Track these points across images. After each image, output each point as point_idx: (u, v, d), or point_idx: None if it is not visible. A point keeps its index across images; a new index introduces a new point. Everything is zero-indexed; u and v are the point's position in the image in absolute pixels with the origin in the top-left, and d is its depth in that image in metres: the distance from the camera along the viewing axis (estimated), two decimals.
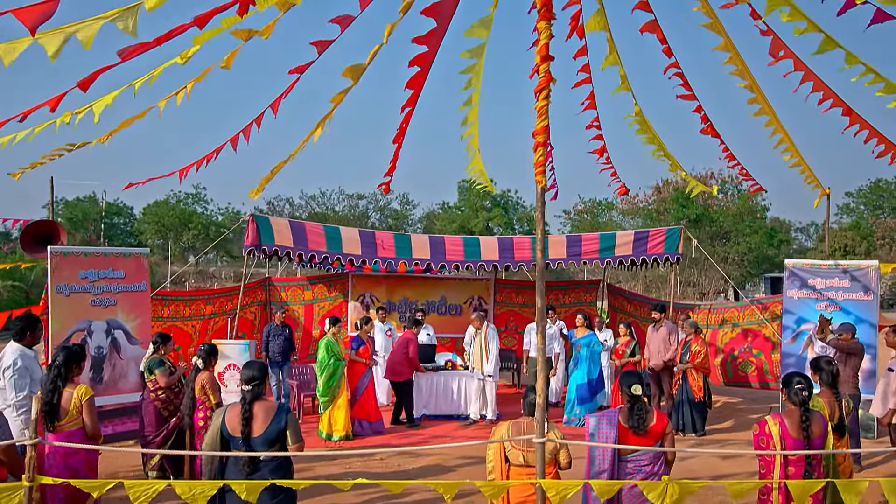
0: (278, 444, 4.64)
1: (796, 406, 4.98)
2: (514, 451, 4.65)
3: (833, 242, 39.05)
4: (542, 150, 4.09)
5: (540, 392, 4.25)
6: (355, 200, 50.45)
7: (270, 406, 4.64)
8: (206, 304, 13.29)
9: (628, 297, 15.23)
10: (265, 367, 4.81)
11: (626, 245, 12.24)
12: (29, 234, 10.21)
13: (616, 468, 4.79)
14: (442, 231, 44.81)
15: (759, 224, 41.92)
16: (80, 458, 5.09)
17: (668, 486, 4.16)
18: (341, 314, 14.40)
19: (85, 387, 5.20)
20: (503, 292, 15.33)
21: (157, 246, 48.52)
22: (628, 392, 4.83)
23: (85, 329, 8.91)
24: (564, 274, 33.41)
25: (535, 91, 4.11)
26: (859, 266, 10.18)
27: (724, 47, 6.20)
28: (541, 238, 4.20)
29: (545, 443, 4.29)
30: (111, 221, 52.33)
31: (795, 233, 53.30)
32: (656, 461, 4.79)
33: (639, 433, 4.79)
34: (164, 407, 7.46)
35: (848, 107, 6.58)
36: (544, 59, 4.06)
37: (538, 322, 4.25)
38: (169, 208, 47.72)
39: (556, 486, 4.16)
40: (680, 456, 8.55)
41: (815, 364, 6.21)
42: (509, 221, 50.54)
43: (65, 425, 5.10)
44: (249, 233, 11.28)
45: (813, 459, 4.92)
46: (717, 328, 12.64)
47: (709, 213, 40.63)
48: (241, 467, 4.48)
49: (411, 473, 8.03)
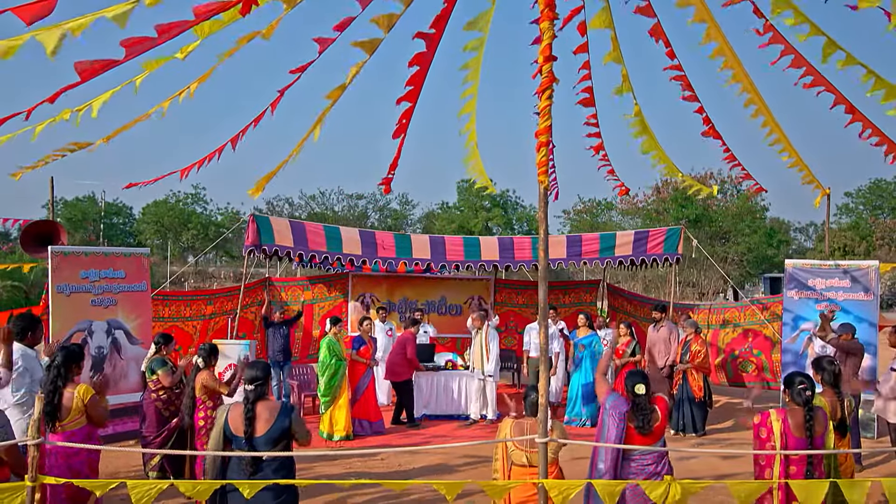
0: (281, 444, 4.64)
1: (800, 406, 4.98)
2: (518, 452, 4.65)
3: (832, 242, 39.07)
4: (545, 150, 4.09)
5: (542, 392, 4.24)
6: (354, 200, 50.46)
7: (274, 406, 4.64)
8: (206, 304, 13.28)
9: (628, 298, 15.24)
10: (268, 367, 4.81)
11: (626, 245, 12.25)
12: (29, 234, 10.20)
13: (619, 467, 4.79)
14: (441, 231, 44.81)
15: (758, 224, 41.93)
16: (81, 459, 5.09)
17: (670, 485, 4.17)
18: (341, 314, 14.38)
19: (86, 386, 5.21)
20: (503, 292, 15.33)
21: (157, 246, 48.53)
22: (632, 392, 4.83)
23: (85, 329, 8.91)
24: (564, 274, 33.42)
25: (538, 91, 4.11)
26: (859, 266, 10.19)
27: (720, 51, 6.20)
28: (544, 238, 4.20)
29: (548, 443, 4.29)
30: (110, 221, 52.31)
31: (795, 233, 53.37)
32: (660, 461, 4.79)
33: (644, 433, 4.79)
34: (165, 407, 7.45)
35: (850, 103, 6.58)
36: (547, 59, 4.05)
37: (541, 321, 4.25)
38: (168, 208, 47.67)
39: (558, 486, 4.16)
40: (681, 455, 8.57)
41: (817, 364, 6.22)
42: (509, 221, 50.57)
43: (66, 425, 5.10)
44: (250, 233, 11.28)
45: (815, 458, 4.93)
46: (718, 328, 12.64)
47: (708, 214, 40.64)
48: (243, 467, 4.48)
49: (412, 473, 8.03)
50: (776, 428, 4.99)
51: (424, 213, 54.41)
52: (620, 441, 4.76)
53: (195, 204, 50.13)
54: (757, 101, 6.93)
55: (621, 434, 4.76)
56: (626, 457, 4.80)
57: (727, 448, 9.49)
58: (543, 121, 4.08)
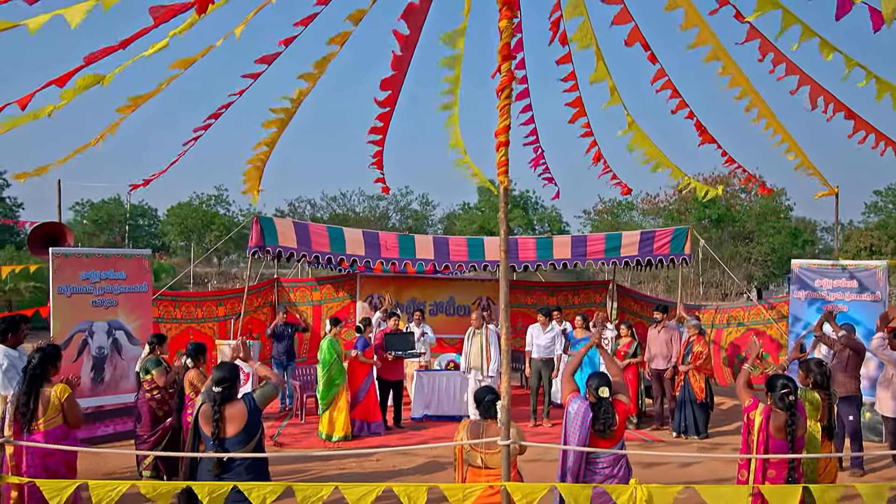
0: (252, 444, 4.66)
1: (783, 410, 4.90)
2: (473, 453, 4.59)
3: (859, 241, 38.31)
4: (504, 150, 4.06)
5: (504, 393, 4.21)
6: (376, 201, 50.51)
7: (241, 408, 4.64)
8: (217, 305, 13.42)
9: (636, 298, 15.10)
10: (236, 369, 4.82)
11: (632, 245, 12.14)
12: (37, 235, 10.39)
13: (583, 471, 4.73)
14: (462, 232, 44.73)
15: (782, 224, 41.27)
16: (57, 458, 5.16)
17: (635, 489, 4.11)
18: (349, 315, 14.44)
19: (62, 385, 5.27)
20: (512, 293, 15.17)
21: (181, 247, 49.03)
22: (595, 394, 4.76)
23: (86, 330, 9.04)
24: (584, 274, 33.18)
25: (497, 90, 4.08)
26: (866, 266, 9.98)
27: (715, 55, 6.11)
28: (504, 238, 4.16)
29: (510, 445, 4.25)
30: (136, 223, 52.96)
31: (821, 233, 52.36)
32: (617, 464, 4.72)
33: (605, 436, 4.73)
34: (159, 407, 7.51)
35: (849, 109, 6.45)
36: (505, 58, 4.02)
37: (502, 322, 4.22)
38: (192, 210, 48.06)
39: (521, 490, 4.12)
40: (683, 461, 8.47)
41: (806, 366, 6.14)
42: (529, 222, 50.27)
43: (42, 424, 5.17)
44: (253, 234, 11.38)
45: (796, 462, 4.85)
46: (722, 328, 12.47)
47: (731, 213, 40.08)
48: (210, 468, 4.51)
49: (406, 473, 8.04)
50: (757, 421, 4.93)
51: (445, 213, 54.34)
52: (585, 444, 4.70)
53: (218, 205, 50.53)
54: (758, 103, 6.83)
55: (585, 437, 4.70)
56: (588, 460, 4.73)
57: (722, 451, 9.33)
58: (502, 120, 4.05)
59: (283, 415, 11.40)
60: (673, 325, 10.50)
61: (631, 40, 6.06)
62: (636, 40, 6.11)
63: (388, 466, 8.43)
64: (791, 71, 5.91)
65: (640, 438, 9.95)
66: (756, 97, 6.78)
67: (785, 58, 5.92)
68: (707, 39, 5.80)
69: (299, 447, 9.38)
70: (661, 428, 10.46)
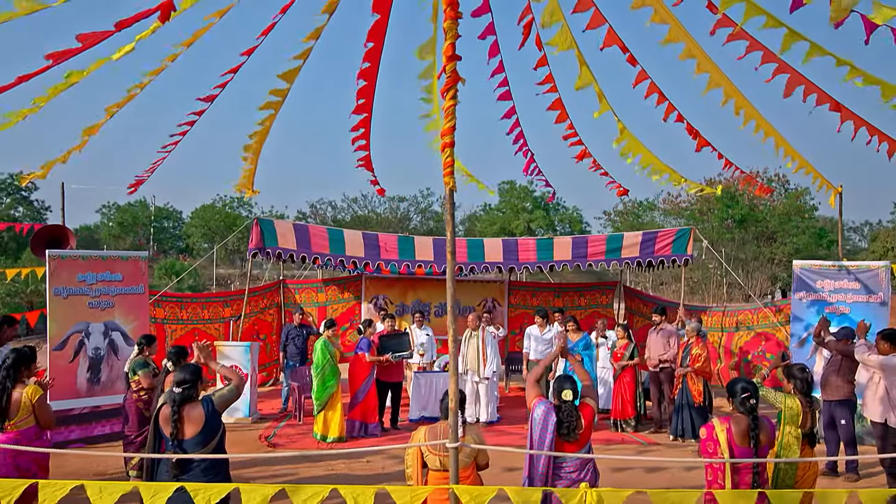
0: (211, 446, 4.69)
1: (744, 414, 4.81)
2: (432, 456, 4.58)
3: (886, 242, 37.57)
4: (450, 151, 4.03)
5: (452, 396, 4.18)
6: (397, 203, 50.63)
7: (200, 411, 4.66)
8: (223, 306, 13.57)
9: (644, 300, 14.95)
10: (198, 371, 4.84)
11: (634, 247, 12.01)
12: (39, 238, 10.53)
13: (549, 476, 4.68)
14: (483, 233, 44.68)
15: (807, 224, 40.51)
16: (28, 458, 5.24)
17: (585, 494, 4.05)
18: (354, 316, 14.51)
19: (34, 386, 5.35)
20: (518, 294, 15.18)
21: (205, 249, 49.53)
22: (558, 396, 4.71)
23: (83, 331, 9.17)
24: (606, 275, 32.93)
25: (442, 91, 4.06)
26: (869, 267, 9.75)
27: (690, 53, 6.02)
28: (451, 240, 4.13)
29: (459, 447, 4.22)
30: (160, 225, 53.66)
31: (848, 232, 51.43)
32: (583, 468, 4.67)
33: (570, 440, 4.67)
34: (146, 408, 7.54)
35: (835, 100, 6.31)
36: (451, 58, 4.00)
37: (449, 324, 4.19)
38: (215, 212, 48.60)
39: (470, 492, 4.09)
40: (683, 465, 8.34)
41: (788, 372, 6.03)
42: (551, 223, 50.04)
43: (15, 425, 5.25)
44: (253, 236, 11.47)
45: (760, 468, 4.75)
46: (732, 332, 12.29)
47: (754, 214, 39.42)
48: (168, 469, 4.55)
49: (394, 476, 8.03)
50: (722, 439, 4.81)
51: (466, 215, 54.29)
52: (551, 448, 4.65)
53: (240, 207, 51.00)
54: (746, 106, 6.73)
55: (551, 441, 4.66)
56: (554, 464, 4.69)
57: None
58: (448, 121, 4.02)
59: (282, 415, 11.46)
60: (671, 329, 10.35)
61: (607, 43, 6.01)
62: (613, 42, 6.06)
63: (376, 469, 8.43)
64: (767, 59, 5.78)
65: (636, 442, 9.84)
66: (740, 97, 6.68)
67: (761, 45, 5.80)
68: (679, 37, 5.73)
69: (293, 448, 9.41)
70: (659, 431, 10.34)
